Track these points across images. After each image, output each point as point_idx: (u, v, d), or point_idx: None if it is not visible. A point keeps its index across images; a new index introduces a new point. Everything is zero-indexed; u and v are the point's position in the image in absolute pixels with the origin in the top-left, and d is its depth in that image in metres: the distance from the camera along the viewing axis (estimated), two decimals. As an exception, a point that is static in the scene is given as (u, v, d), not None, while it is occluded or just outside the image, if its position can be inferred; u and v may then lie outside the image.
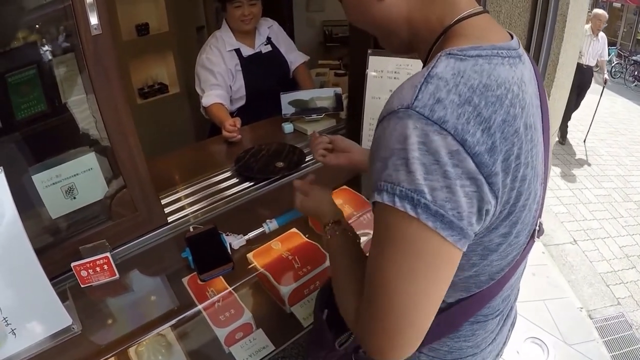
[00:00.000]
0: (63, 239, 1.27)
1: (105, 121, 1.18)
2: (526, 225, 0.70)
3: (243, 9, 2.14)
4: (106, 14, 1.09)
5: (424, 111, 0.53)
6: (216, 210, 1.49)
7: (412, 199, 0.54)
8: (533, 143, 0.63)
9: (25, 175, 1.23)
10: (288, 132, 2.01)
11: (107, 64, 1.14)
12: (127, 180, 1.27)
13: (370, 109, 1.75)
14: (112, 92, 1.17)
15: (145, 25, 3.13)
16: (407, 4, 0.68)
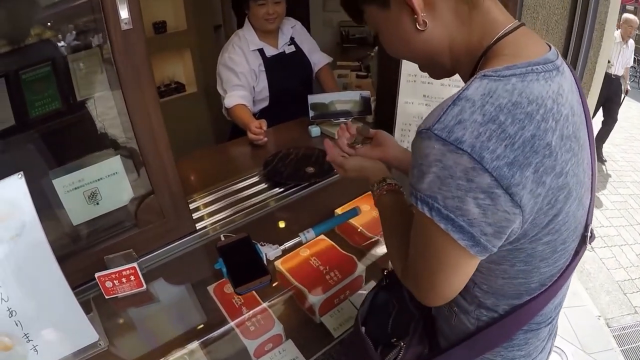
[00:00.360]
0: (85, 247, 1.21)
1: (133, 123, 1.11)
2: (572, 232, 0.74)
3: (267, 7, 2.06)
4: (137, 8, 1.02)
5: (441, 133, 0.60)
6: (245, 218, 1.42)
7: (428, 203, 0.63)
8: (572, 152, 0.66)
9: (45, 178, 1.17)
10: (315, 135, 1.93)
11: (138, 62, 1.07)
12: (155, 186, 1.21)
13: (402, 113, 1.69)
14: (142, 92, 1.10)
15: (163, 24, 3.07)
16: (447, 30, 0.71)
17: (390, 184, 0.95)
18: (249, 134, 1.87)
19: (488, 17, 0.69)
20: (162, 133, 1.15)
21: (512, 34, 0.68)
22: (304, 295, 1.17)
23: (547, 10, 1.75)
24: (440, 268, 0.69)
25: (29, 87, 2.07)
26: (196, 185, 1.60)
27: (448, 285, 0.72)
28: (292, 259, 1.25)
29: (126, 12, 0.97)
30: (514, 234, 0.66)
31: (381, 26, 0.77)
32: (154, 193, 1.22)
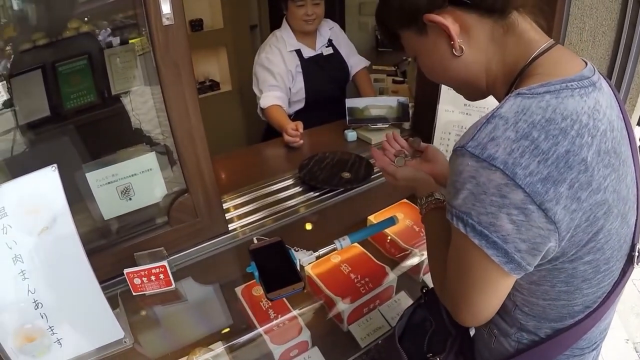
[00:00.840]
0: (116, 242, 1.20)
1: (171, 120, 1.08)
2: (616, 251, 0.72)
3: (306, 8, 2.03)
4: (179, 3, 0.98)
5: (474, 150, 0.60)
6: (278, 222, 1.39)
7: (463, 219, 0.64)
8: (612, 168, 0.65)
9: (78, 171, 1.15)
10: (351, 140, 1.89)
11: (178, 58, 1.04)
12: (190, 185, 1.19)
13: (442, 121, 1.63)
14: (182, 91, 1.07)
15: (200, 22, 3.08)
16: (483, 54, 0.72)
17: (438, 200, 0.94)
18: (284, 136, 1.84)
19: (523, 38, 0.70)
20: (200, 131, 1.13)
21: (547, 53, 0.68)
22: (333, 302, 1.14)
23: (594, 21, 1.68)
24: (475, 286, 0.69)
25: (65, 80, 2.23)
26: (229, 185, 1.57)
27: (483, 305, 0.71)
28: (322, 264, 1.22)
29: (168, 7, 0.94)
30: (551, 252, 0.65)
31: (418, 52, 0.78)
32: (188, 192, 1.19)
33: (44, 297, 0.90)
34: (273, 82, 2.05)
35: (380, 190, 1.54)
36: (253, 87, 2.14)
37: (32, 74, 2.48)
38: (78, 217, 1.20)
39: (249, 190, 1.54)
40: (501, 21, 0.69)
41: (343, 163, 1.64)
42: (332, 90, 2.20)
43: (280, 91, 2.06)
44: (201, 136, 1.14)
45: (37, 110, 2.40)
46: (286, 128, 1.82)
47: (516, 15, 0.69)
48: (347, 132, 1.89)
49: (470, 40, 0.70)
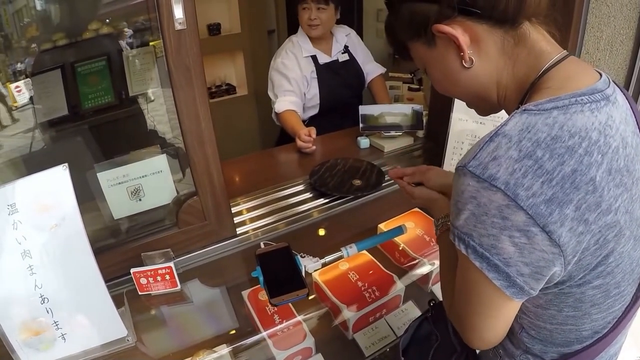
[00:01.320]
0: (124, 241, 1.22)
1: (181, 123, 1.09)
2: (628, 275, 0.69)
3: (310, 12, 2.04)
4: (192, 8, 1.00)
5: (475, 170, 0.59)
6: (287, 227, 1.38)
7: (464, 240, 0.63)
8: (624, 187, 0.62)
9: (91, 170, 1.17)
10: (364, 147, 1.88)
11: (190, 62, 1.05)
12: (199, 188, 1.19)
13: (455, 130, 1.62)
14: (193, 94, 1.08)
15: (217, 26, 3.11)
16: (494, 66, 0.69)
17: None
18: (297, 141, 1.84)
19: (534, 50, 0.67)
20: (210, 135, 1.13)
21: (559, 65, 0.66)
22: (338, 310, 1.13)
23: (611, 30, 1.65)
24: (479, 309, 0.68)
25: (84, 80, 2.28)
26: (240, 188, 1.57)
27: (489, 328, 0.70)
28: (330, 271, 1.21)
29: (181, 12, 0.95)
30: (556, 276, 0.62)
31: (428, 64, 0.76)
32: (197, 195, 1.19)
33: (50, 292, 0.92)
34: (288, 87, 2.05)
35: (391, 199, 1.52)
36: (268, 91, 2.15)
37: (51, 74, 2.53)
38: (89, 215, 1.21)
39: (259, 194, 1.54)
40: (512, 32, 0.66)
41: (354, 170, 1.63)
42: (346, 96, 2.20)
43: (295, 96, 2.06)
44: (211, 140, 1.14)
45: (56, 109, 2.44)
46: (299, 133, 1.82)
47: (528, 26, 0.67)
48: (359, 139, 1.89)
49: (481, 51, 0.68)
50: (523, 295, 0.62)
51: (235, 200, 1.49)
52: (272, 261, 1.13)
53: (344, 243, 1.19)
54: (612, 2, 1.58)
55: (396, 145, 1.85)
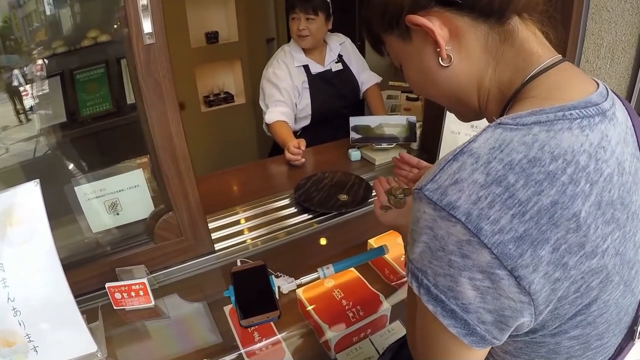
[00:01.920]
0: (101, 255, 1.19)
1: (154, 140, 1.06)
2: (614, 325, 0.59)
3: (299, 22, 2.01)
4: (162, 22, 0.96)
5: (432, 195, 0.49)
6: (268, 243, 1.34)
7: (417, 277, 0.53)
8: (616, 224, 0.52)
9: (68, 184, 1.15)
10: (354, 159, 1.84)
11: (160, 78, 1.01)
12: (174, 204, 1.15)
13: (447, 144, 1.58)
14: (164, 110, 1.04)
15: (215, 34, 3.10)
16: (476, 66, 0.60)
17: None
18: (286, 154, 1.80)
19: (523, 50, 0.57)
20: (183, 151, 1.10)
21: (550, 70, 0.56)
22: (321, 329, 1.09)
23: (612, 37, 1.59)
24: (438, 356, 0.57)
25: (82, 87, 2.34)
26: (223, 202, 1.53)
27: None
28: (314, 288, 1.16)
29: (149, 25, 0.92)
30: (525, 326, 0.53)
31: (403, 60, 0.67)
32: (173, 211, 1.16)
33: (22, 305, 0.92)
34: (279, 97, 2.02)
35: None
36: (260, 101, 2.12)
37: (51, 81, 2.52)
38: (70, 227, 1.22)
39: (242, 209, 1.50)
40: (498, 27, 0.57)
41: (342, 184, 1.59)
42: (340, 107, 2.17)
43: (286, 107, 2.02)
44: (184, 155, 1.10)
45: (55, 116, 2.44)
46: (288, 145, 1.78)
47: (517, 22, 0.57)
48: (350, 152, 1.84)
49: (461, 48, 0.58)
50: (484, 344, 0.52)
51: (216, 214, 1.45)
52: (246, 280, 1.09)
53: (325, 262, 1.15)
54: (614, 7, 1.52)
55: (388, 158, 1.81)
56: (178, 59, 2.88)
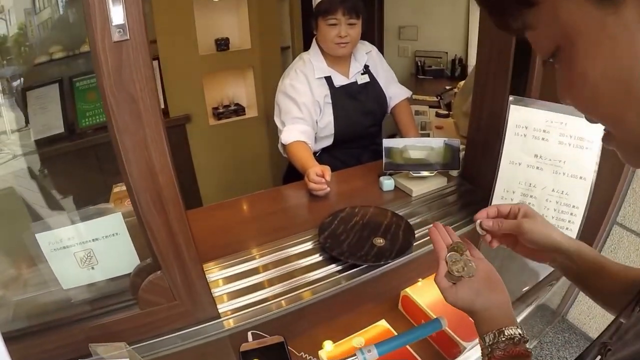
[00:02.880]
0: (74, 319, 0.93)
1: (130, 181, 0.76)
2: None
3: (339, 28, 1.71)
4: (140, 10, 0.67)
5: None
6: (287, 306, 1.05)
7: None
8: None
9: (27, 230, 0.89)
10: (387, 189, 1.55)
11: (137, 92, 0.71)
12: (162, 262, 0.87)
13: (505, 176, 1.29)
14: (143, 136, 0.75)
15: (226, 40, 2.84)
16: None
17: (511, 340, 0.62)
18: (307, 182, 1.50)
19: None
20: (172, 194, 0.80)
21: None
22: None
23: None
24: None
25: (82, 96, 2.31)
26: (229, 244, 1.24)
27: None
28: (341, 346, 0.93)
29: (121, 15, 0.62)
30: None
31: (580, 42, 0.38)
32: (161, 269, 0.88)
33: None
34: (297, 113, 1.74)
35: (425, 260, 1.19)
36: (275, 117, 1.84)
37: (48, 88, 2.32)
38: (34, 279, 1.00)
39: (253, 255, 1.20)
40: None
41: (376, 224, 1.29)
42: (366, 125, 1.87)
43: (306, 124, 1.74)
44: (174, 200, 0.81)
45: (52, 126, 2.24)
46: (309, 172, 1.49)
47: None
48: (382, 180, 1.55)
49: None
50: None
51: (219, 261, 1.17)
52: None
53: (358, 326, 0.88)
54: None
55: (426, 188, 1.52)
56: (184, 66, 2.66)
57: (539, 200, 1.25)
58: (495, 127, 1.38)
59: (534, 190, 1.26)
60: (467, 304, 0.69)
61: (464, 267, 0.70)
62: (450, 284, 0.70)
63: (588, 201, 1.21)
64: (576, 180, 1.22)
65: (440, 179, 1.56)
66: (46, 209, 1.46)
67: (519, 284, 1.13)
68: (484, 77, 1.44)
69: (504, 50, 1.33)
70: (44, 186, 1.65)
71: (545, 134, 1.25)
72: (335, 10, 1.69)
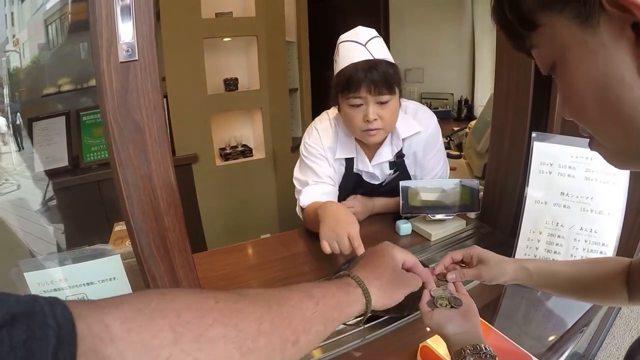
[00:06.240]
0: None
1: (132, 221, 0.68)
2: None
3: (366, 109, 1.34)
4: (152, 30, 0.61)
5: None
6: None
7: None
8: None
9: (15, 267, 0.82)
10: (404, 233, 1.46)
11: (142, 119, 0.65)
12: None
13: (531, 217, 1.21)
14: (147, 172, 0.67)
15: (235, 81, 2.82)
16: None
17: (477, 352, 0.68)
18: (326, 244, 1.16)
19: None
20: (179, 239, 0.72)
21: None
22: None
23: None
24: None
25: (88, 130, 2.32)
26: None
27: None
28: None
29: (130, 32, 0.56)
30: None
31: (568, 58, 0.46)
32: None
33: None
34: (316, 178, 1.50)
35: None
36: (295, 169, 1.58)
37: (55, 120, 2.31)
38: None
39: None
40: None
41: (394, 270, 1.19)
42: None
43: (329, 186, 1.50)
44: (181, 245, 0.72)
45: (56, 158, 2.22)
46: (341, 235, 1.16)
47: None
48: (399, 224, 1.46)
49: None
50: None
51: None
52: None
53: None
54: None
55: (445, 231, 1.44)
56: (193, 105, 2.62)
57: (567, 240, 1.17)
58: (516, 165, 1.32)
59: (562, 230, 1.18)
60: (439, 327, 0.77)
61: (449, 301, 0.81)
62: (429, 309, 0.80)
63: (618, 238, 1.14)
64: (605, 216, 1.14)
65: (459, 222, 1.48)
66: (41, 244, 1.38)
67: (545, 332, 1.05)
68: (503, 113, 1.38)
69: (522, 85, 1.28)
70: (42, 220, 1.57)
71: (571, 170, 1.18)
72: (358, 87, 1.31)
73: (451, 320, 0.77)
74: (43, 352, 0.32)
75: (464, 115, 4.30)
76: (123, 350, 0.37)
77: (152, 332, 0.40)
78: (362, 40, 1.34)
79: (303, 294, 0.56)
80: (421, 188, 1.44)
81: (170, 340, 0.40)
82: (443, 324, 0.77)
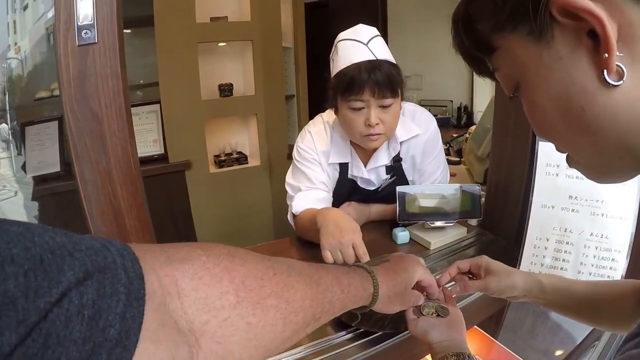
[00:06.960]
0: None
1: (90, 221, 0.60)
2: None
3: (368, 113, 1.28)
4: (115, 12, 0.53)
5: None
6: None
7: None
8: None
9: None
10: (402, 242, 1.38)
11: (101, 110, 0.57)
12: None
13: (538, 222, 1.15)
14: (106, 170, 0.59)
15: (229, 86, 2.78)
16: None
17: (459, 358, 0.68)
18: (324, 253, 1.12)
19: None
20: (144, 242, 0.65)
21: None
22: None
23: None
24: None
25: None
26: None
27: None
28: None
29: (90, 13, 0.49)
30: None
31: (528, 76, 0.46)
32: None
33: None
34: (309, 184, 1.44)
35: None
36: (287, 175, 1.52)
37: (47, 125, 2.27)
38: None
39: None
40: None
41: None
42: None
43: (322, 192, 1.44)
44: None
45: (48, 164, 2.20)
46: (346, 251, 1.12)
47: None
48: (396, 232, 1.38)
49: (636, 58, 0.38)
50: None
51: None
52: None
53: None
54: None
55: (445, 239, 1.36)
56: (186, 111, 2.56)
57: (576, 246, 1.11)
58: (519, 168, 1.27)
59: (570, 236, 1.11)
60: (424, 334, 0.78)
61: (435, 310, 0.81)
62: (414, 317, 0.80)
63: (631, 244, 1.07)
64: (616, 220, 1.08)
65: (460, 229, 1.41)
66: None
67: (552, 346, 1.01)
68: (504, 116, 1.33)
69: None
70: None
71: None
72: (360, 90, 1.24)
73: (435, 327, 0.78)
74: (112, 310, 0.31)
75: (463, 122, 4.26)
76: (187, 307, 0.39)
77: (217, 293, 0.42)
78: (363, 39, 1.29)
79: (333, 278, 0.61)
80: (419, 194, 1.37)
81: (232, 303, 0.43)
82: (427, 331, 0.78)
